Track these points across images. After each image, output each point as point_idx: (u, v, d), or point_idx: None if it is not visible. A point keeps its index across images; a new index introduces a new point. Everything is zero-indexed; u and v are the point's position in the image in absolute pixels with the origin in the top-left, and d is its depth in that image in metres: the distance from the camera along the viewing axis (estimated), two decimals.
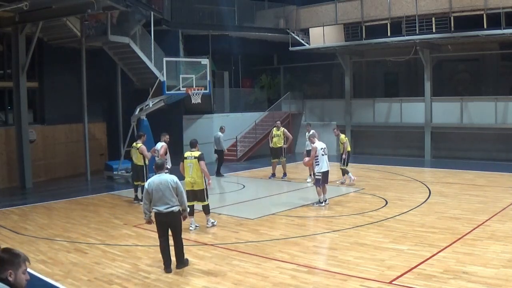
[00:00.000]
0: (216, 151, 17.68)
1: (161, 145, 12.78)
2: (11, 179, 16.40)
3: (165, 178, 7.49)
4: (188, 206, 9.93)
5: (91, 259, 8.25)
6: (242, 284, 6.94)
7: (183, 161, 10.04)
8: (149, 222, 7.67)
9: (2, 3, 13.50)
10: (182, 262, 7.60)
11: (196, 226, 10.15)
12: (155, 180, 7.50)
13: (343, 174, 15.18)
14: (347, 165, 15.02)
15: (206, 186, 10.05)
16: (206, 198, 10.07)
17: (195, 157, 9.87)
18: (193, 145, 10.17)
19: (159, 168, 7.68)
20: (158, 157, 12.76)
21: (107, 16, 16.74)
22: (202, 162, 9.83)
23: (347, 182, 15.00)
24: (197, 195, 10.01)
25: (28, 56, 15.78)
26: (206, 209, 10.20)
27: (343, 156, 14.94)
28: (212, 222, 10.34)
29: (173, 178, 7.56)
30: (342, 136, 15.23)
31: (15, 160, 16.23)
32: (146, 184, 7.64)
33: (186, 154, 10.09)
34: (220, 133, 17.53)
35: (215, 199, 12.20)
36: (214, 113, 22.32)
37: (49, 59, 18.24)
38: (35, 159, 17.12)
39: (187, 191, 10.01)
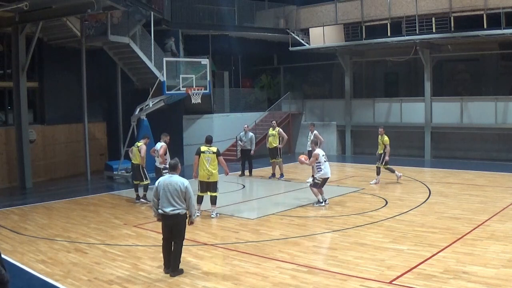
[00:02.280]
0: (241, 151, 17.77)
1: (160, 145, 12.78)
2: (11, 179, 16.39)
3: (175, 180, 7.36)
4: (199, 196, 10.89)
5: (91, 259, 8.25)
6: (242, 284, 6.95)
7: (198, 155, 10.88)
8: (159, 219, 7.56)
9: (2, 3, 13.50)
10: (176, 269, 7.37)
11: (216, 213, 11.05)
12: (165, 180, 7.43)
13: (378, 173, 15.05)
14: (386, 164, 14.92)
15: (218, 179, 10.99)
16: (217, 190, 11.00)
17: (213, 152, 10.82)
18: (209, 141, 11.04)
19: (172, 168, 7.58)
20: (157, 157, 12.78)
21: (107, 16, 16.73)
22: (220, 157, 10.89)
23: (388, 180, 14.90)
24: (210, 186, 10.93)
25: (28, 56, 15.77)
26: (214, 200, 11.02)
27: (386, 157, 14.77)
28: (217, 213, 11.09)
29: (184, 182, 7.39)
30: (387, 137, 14.99)
31: (15, 160, 16.22)
32: (156, 182, 7.58)
33: (203, 148, 10.92)
34: (242, 133, 17.48)
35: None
36: (214, 113, 22.33)
37: (49, 59, 18.21)
38: (35, 159, 17.11)
39: (201, 182, 10.92)
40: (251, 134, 17.45)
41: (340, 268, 7.46)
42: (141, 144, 12.90)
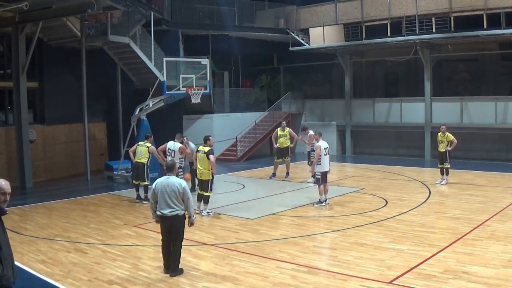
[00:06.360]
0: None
1: (179, 146, 12.77)
2: (11, 179, 16.11)
3: (172, 181, 7.33)
4: (199, 194, 11.31)
5: (91, 259, 8.25)
6: (242, 284, 6.94)
7: (196, 153, 11.45)
8: (158, 221, 7.54)
9: (2, 3, 13.49)
10: (176, 270, 7.37)
11: (208, 212, 11.29)
12: (162, 181, 7.38)
13: (447, 174, 14.59)
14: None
15: (212, 178, 11.24)
16: (209, 189, 11.24)
17: (204, 152, 11.10)
18: (204, 140, 11.33)
19: (168, 169, 7.52)
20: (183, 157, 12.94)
21: (107, 16, 16.73)
22: (211, 156, 11.04)
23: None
24: (203, 185, 11.23)
25: (28, 56, 15.77)
26: (206, 199, 11.28)
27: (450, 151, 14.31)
28: (208, 212, 11.29)
29: (181, 182, 7.36)
30: (450, 134, 14.44)
31: (15, 160, 16.22)
32: (153, 184, 7.54)
33: (199, 147, 11.40)
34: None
35: (215, 199, 12.20)
36: (214, 113, 22.33)
37: (49, 59, 18.21)
38: (35, 159, 17.10)
39: (198, 180, 11.44)
40: (192, 145, 13.70)
41: (340, 268, 7.46)
42: (150, 145, 13.01)
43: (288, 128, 16.84)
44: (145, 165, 12.91)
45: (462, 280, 6.77)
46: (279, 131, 16.72)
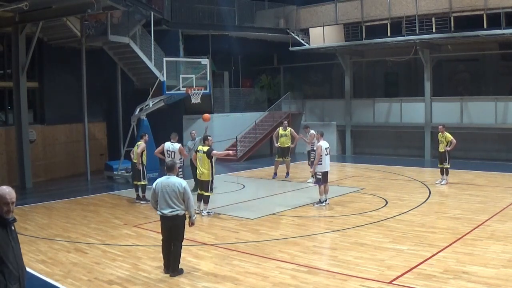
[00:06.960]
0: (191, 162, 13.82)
1: (178, 147, 12.78)
2: (11, 179, 16.36)
3: (173, 181, 7.30)
4: (198, 194, 11.27)
5: (91, 259, 8.25)
6: (242, 284, 6.94)
7: (196, 153, 11.45)
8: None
9: (2, 3, 13.50)
10: (176, 270, 7.36)
11: (208, 212, 11.28)
12: (163, 181, 7.36)
13: (447, 174, 14.58)
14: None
15: (211, 179, 11.19)
16: (209, 190, 11.22)
17: (204, 152, 11.05)
18: (203, 140, 11.39)
19: (169, 169, 7.48)
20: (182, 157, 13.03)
21: (107, 16, 16.74)
22: (214, 152, 11.07)
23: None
24: (203, 185, 11.20)
25: (28, 56, 15.76)
26: (206, 199, 11.28)
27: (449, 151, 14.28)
28: (208, 212, 11.28)
29: (181, 182, 7.33)
30: (449, 134, 14.43)
31: (15, 160, 16.22)
32: (153, 184, 7.52)
33: (199, 147, 11.39)
34: (189, 141, 14.82)
35: (215, 199, 12.21)
36: (214, 113, 22.32)
37: (49, 59, 18.21)
38: (35, 159, 17.10)
39: (198, 180, 11.42)
40: (198, 139, 14.19)
41: (340, 268, 7.46)
42: (140, 142, 12.95)
43: (289, 128, 16.85)
44: (141, 165, 12.90)
45: (462, 280, 6.77)
46: (280, 131, 16.73)
